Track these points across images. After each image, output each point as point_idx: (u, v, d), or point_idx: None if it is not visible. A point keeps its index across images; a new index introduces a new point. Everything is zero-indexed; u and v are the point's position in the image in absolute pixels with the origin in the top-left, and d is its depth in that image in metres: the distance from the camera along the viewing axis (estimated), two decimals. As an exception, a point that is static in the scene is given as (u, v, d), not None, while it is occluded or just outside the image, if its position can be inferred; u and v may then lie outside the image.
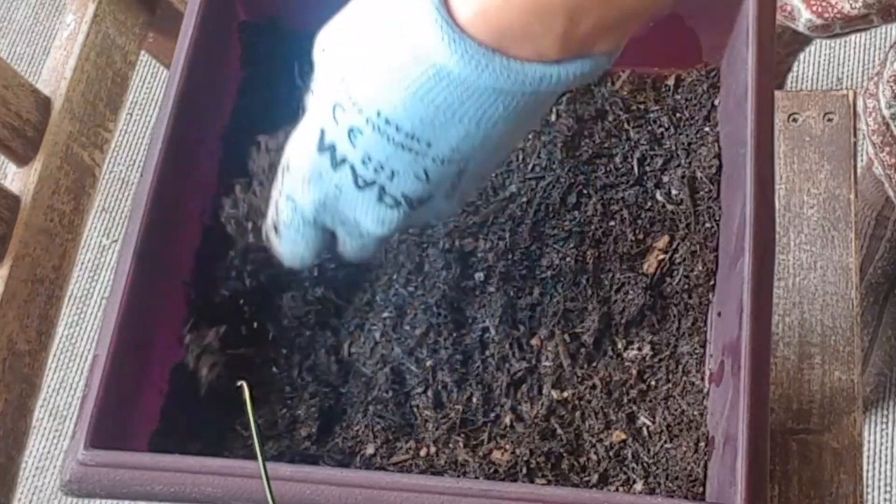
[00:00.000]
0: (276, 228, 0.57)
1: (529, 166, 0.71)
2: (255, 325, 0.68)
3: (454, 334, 0.66)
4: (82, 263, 1.67)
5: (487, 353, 0.66)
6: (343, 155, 0.50)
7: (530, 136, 0.72)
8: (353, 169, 0.50)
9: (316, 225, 0.55)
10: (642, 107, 0.73)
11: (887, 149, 1.08)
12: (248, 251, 0.64)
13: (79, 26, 0.94)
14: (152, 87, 1.80)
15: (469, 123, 0.48)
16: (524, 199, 0.70)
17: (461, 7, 0.45)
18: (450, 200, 0.53)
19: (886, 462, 1.47)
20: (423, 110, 0.47)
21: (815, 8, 1.09)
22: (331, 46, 0.51)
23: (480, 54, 0.45)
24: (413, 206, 0.52)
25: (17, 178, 0.88)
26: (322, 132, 0.51)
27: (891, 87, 1.05)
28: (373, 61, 0.48)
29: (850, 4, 1.06)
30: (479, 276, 0.68)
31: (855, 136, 0.84)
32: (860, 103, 1.11)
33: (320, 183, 0.52)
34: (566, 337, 0.66)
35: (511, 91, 0.47)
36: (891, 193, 1.11)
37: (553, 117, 0.73)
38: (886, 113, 1.06)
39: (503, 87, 0.46)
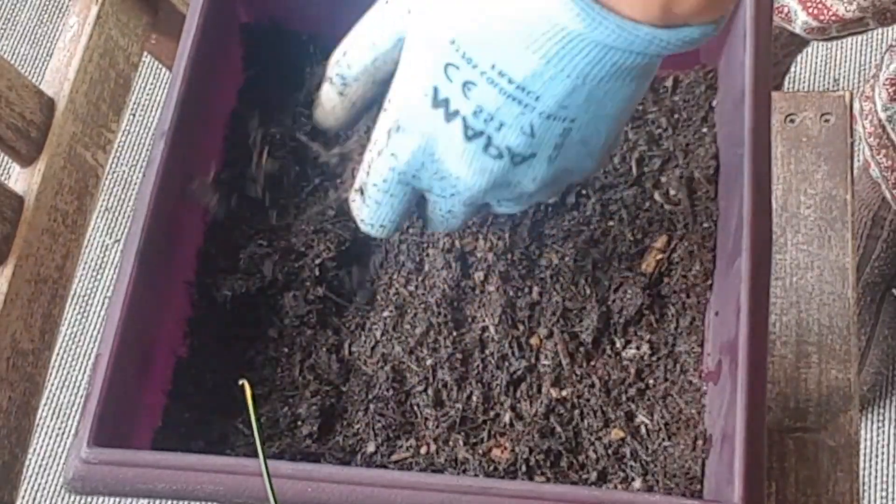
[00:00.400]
0: (362, 191, 0.59)
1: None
2: (257, 324, 0.68)
3: (454, 333, 0.67)
4: (85, 263, 1.68)
5: (487, 351, 0.66)
6: (456, 108, 0.53)
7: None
8: (464, 120, 0.53)
9: (409, 184, 0.58)
10: (640, 108, 0.73)
11: (884, 151, 1.08)
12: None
13: (82, 28, 0.94)
14: (155, 89, 1.81)
15: (577, 78, 0.50)
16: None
17: None
18: (550, 165, 0.55)
19: (883, 460, 1.47)
20: (535, 63, 0.50)
21: (811, 10, 1.09)
22: (429, 13, 0.54)
23: (596, 11, 0.48)
24: (514, 161, 0.54)
25: (20, 178, 0.88)
26: (435, 90, 0.53)
27: (887, 89, 1.05)
28: (487, 19, 0.51)
29: (846, 7, 1.06)
30: (479, 275, 0.68)
31: (852, 136, 0.85)
32: (857, 106, 1.11)
33: (433, 135, 0.55)
34: (565, 336, 0.67)
35: (620, 48, 0.49)
36: (887, 195, 1.11)
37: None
38: (883, 115, 1.06)
39: (614, 43, 0.48)
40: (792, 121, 0.86)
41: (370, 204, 0.59)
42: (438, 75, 0.53)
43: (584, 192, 0.70)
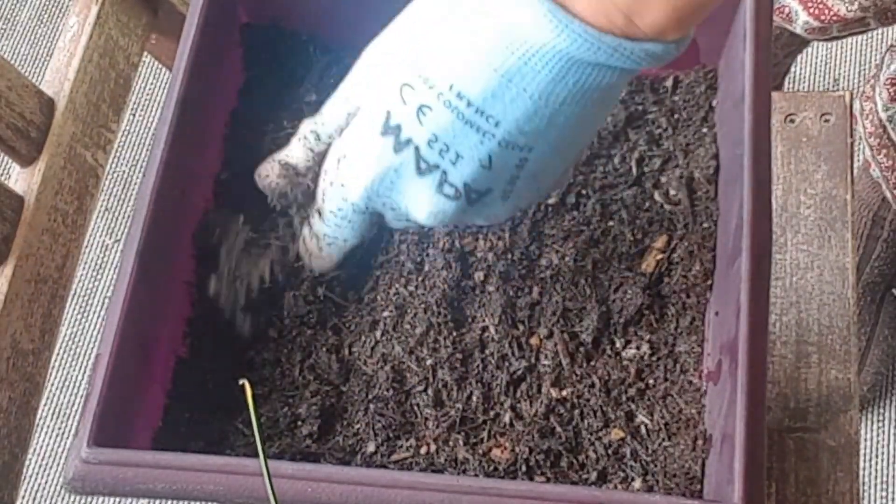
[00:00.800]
0: (319, 213, 0.58)
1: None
2: (257, 324, 0.68)
3: (454, 333, 0.67)
4: (85, 263, 1.68)
5: (487, 351, 0.66)
6: (409, 136, 0.51)
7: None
8: (416, 150, 0.51)
9: (366, 212, 0.56)
10: (640, 108, 0.73)
11: (884, 151, 1.08)
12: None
13: (82, 28, 0.94)
14: (155, 89, 1.81)
15: (539, 99, 0.48)
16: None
17: None
18: (505, 201, 0.53)
19: (883, 460, 1.47)
20: (495, 82, 0.48)
21: (811, 10, 1.09)
22: (392, 44, 0.52)
23: (561, 15, 0.46)
24: (470, 200, 0.52)
25: (20, 178, 0.88)
26: (388, 114, 0.51)
27: (887, 89, 1.05)
28: (449, 38, 0.49)
29: (847, 7, 1.06)
30: (479, 275, 0.68)
31: (852, 136, 0.85)
32: (857, 106, 1.11)
33: (378, 166, 0.52)
34: (565, 336, 0.67)
35: (583, 61, 0.47)
36: (888, 195, 1.11)
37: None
38: (883, 116, 1.06)
39: (577, 52, 0.47)
40: (792, 121, 0.86)
41: (329, 225, 0.58)
42: (393, 97, 0.51)
43: (584, 192, 0.70)
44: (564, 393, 0.65)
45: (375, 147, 0.52)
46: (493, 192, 0.52)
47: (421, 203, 0.53)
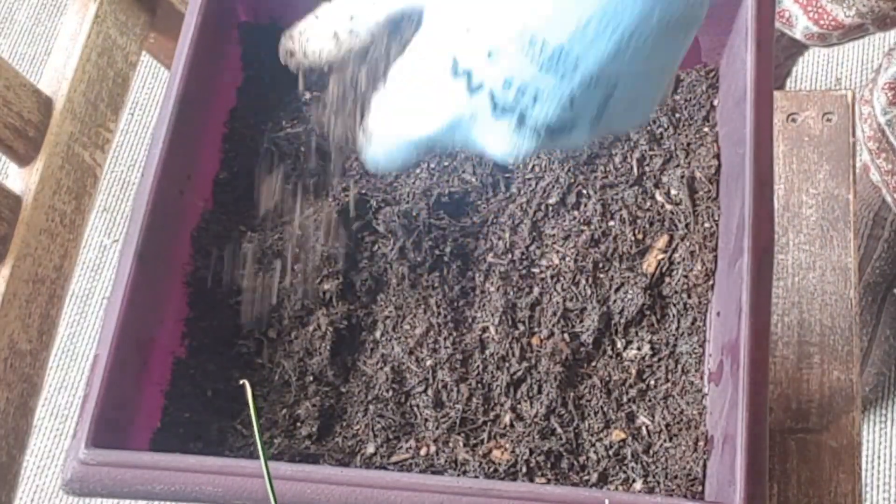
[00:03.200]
0: (371, 137, 0.53)
1: (529, 166, 0.71)
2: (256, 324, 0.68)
3: (454, 334, 0.67)
4: (83, 263, 1.67)
5: (487, 352, 0.66)
6: (481, 80, 0.46)
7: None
8: (491, 94, 0.47)
9: (424, 145, 0.51)
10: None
11: (884, 155, 1.08)
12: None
13: (80, 27, 0.94)
14: (153, 88, 1.80)
15: (621, 36, 0.44)
16: (524, 199, 0.70)
17: None
18: (593, 130, 0.49)
19: (885, 461, 1.47)
20: (573, 22, 0.44)
21: (811, 15, 1.09)
22: None
23: None
24: (552, 137, 0.48)
25: (18, 178, 0.88)
26: (455, 61, 0.47)
27: (885, 94, 1.05)
28: None
29: (845, 13, 1.06)
30: (479, 276, 0.68)
31: (854, 136, 0.84)
32: (856, 109, 1.11)
33: (452, 107, 0.48)
34: (566, 336, 0.66)
35: None
36: (888, 198, 1.11)
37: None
38: (882, 120, 1.06)
39: None
40: (794, 120, 0.86)
41: (374, 148, 0.53)
42: (460, 40, 0.47)
43: (584, 191, 0.70)
44: (565, 394, 0.65)
45: (449, 89, 0.48)
46: (576, 127, 0.48)
47: (499, 143, 0.49)
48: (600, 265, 0.68)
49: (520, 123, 0.47)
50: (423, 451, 0.64)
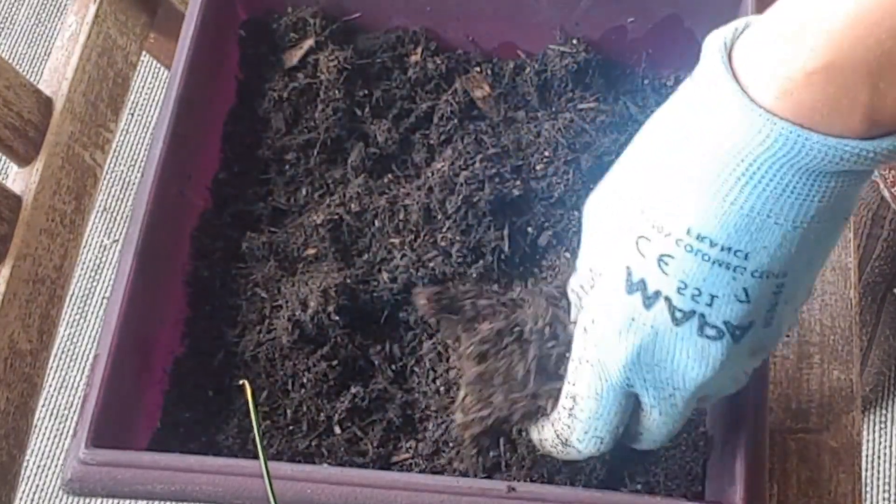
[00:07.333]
0: (567, 406, 0.53)
1: (531, 166, 0.71)
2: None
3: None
4: (84, 263, 1.67)
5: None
6: (656, 288, 0.47)
7: (532, 135, 0.72)
8: (668, 301, 0.47)
9: (622, 390, 0.51)
10: (642, 107, 0.73)
11: None
12: None
13: (80, 27, 0.94)
14: (153, 88, 1.80)
15: (785, 223, 0.45)
16: (524, 199, 0.70)
17: (764, 94, 0.43)
18: (768, 329, 0.49)
19: (885, 461, 1.47)
20: (736, 217, 0.45)
21: None
22: (614, 196, 0.49)
23: (796, 135, 0.43)
24: (735, 337, 0.48)
25: (18, 178, 0.88)
26: (628, 271, 0.48)
27: None
28: (674, 180, 0.46)
29: None
30: (475, 275, 0.68)
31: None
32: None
33: (633, 329, 0.48)
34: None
35: (827, 172, 0.44)
36: (885, 194, 1.11)
37: (551, 117, 0.73)
38: None
39: (819, 167, 0.43)
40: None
41: (581, 424, 0.53)
42: (630, 253, 0.47)
43: (585, 191, 0.70)
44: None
45: (626, 307, 0.48)
46: (755, 324, 0.48)
47: (686, 352, 0.49)
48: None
49: (701, 325, 0.47)
50: (423, 452, 0.64)
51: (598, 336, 0.50)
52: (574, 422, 0.53)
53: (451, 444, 0.63)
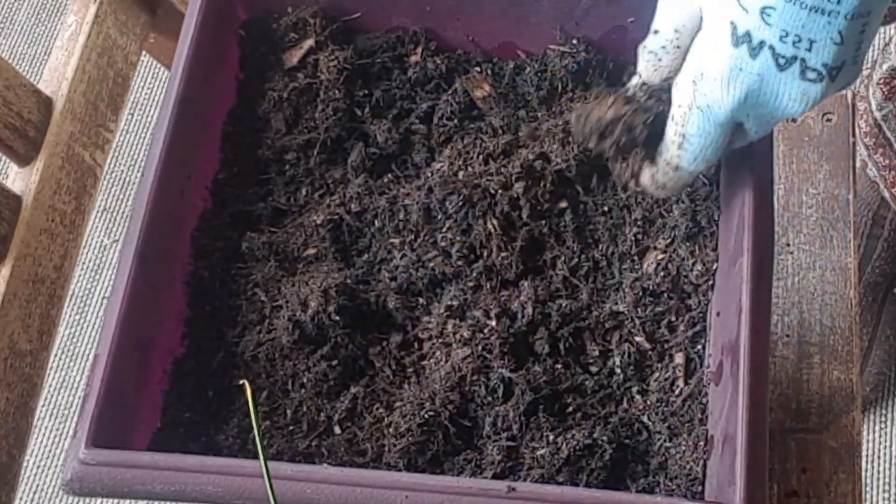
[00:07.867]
0: (676, 143, 0.59)
1: (530, 166, 0.71)
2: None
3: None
4: (83, 263, 1.67)
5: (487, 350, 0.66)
6: (760, 38, 0.52)
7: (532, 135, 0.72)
8: (772, 49, 0.52)
9: (728, 125, 0.57)
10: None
11: (880, 150, 1.08)
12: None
13: (80, 27, 0.94)
14: (153, 88, 1.80)
15: None
16: (524, 199, 0.70)
17: None
18: (856, 64, 0.54)
19: (885, 461, 1.47)
20: None
21: None
22: None
23: None
24: (832, 77, 0.53)
25: (18, 178, 0.88)
26: (733, 26, 0.53)
27: (881, 89, 1.05)
28: None
29: None
30: (474, 273, 0.68)
31: (854, 136, 0.84)
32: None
33: (741, 77, 0.54)
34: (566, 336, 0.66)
35: None
36: (886, 194, 1.11)
37: (551, 117, 0.73)
38: (878, 115, 1.06)
39: None
40: (793, 120, 0.86)
41: (691, 150, 0.59)
42: (733, 8, 0.52)
43: (584, 191, 0.70)
44: (565, 394, 0.65)
45: (733, 58, 0.54)
46: (846, 63, 0.54)
47: (789, 94, 0.54)
48: (600, 264, 0.68)
49: (803, 69, 0.53)
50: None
51: (708, 86, 0.55)
52: (680, 164, 0.60)
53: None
